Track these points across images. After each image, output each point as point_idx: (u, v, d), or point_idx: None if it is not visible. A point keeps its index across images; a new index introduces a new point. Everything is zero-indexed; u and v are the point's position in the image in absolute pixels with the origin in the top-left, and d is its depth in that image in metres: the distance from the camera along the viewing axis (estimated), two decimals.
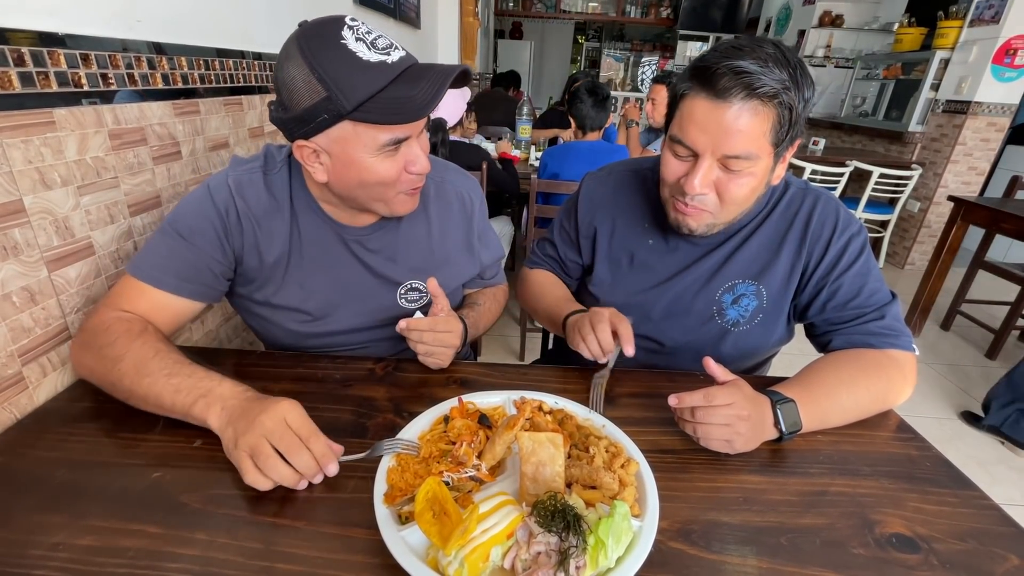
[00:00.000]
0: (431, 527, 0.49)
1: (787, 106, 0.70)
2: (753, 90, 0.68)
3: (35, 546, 0.52)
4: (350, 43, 0.66)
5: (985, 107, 3.54)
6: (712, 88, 0.70)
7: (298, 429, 0.59)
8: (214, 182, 0.81)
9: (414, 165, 0.74)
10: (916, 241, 3.99)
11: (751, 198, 0.79)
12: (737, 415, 0.67)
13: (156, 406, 0.66)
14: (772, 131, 0.71)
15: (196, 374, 0.66)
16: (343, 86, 0.65)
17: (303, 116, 0.68)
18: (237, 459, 0.58)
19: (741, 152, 0.71)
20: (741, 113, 0.69)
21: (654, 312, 0.94)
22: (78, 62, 0.79)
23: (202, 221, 0.78)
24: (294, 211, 0.83)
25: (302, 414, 0.61)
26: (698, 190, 0.75)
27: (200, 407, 0.63)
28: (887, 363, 0.79)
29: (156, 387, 0.65)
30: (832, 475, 0.67)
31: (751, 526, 0.59)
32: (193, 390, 0.64)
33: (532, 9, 8.25)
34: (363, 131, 0.69)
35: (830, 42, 5.34)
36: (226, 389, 0.64)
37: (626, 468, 0.60)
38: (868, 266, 0.85)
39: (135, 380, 0.66)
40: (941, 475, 0.69)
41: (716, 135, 0.71)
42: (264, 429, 0.58)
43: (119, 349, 0.68)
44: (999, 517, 0.62)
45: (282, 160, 0.84)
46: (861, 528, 0.59)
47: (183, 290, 0.78)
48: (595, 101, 2.29)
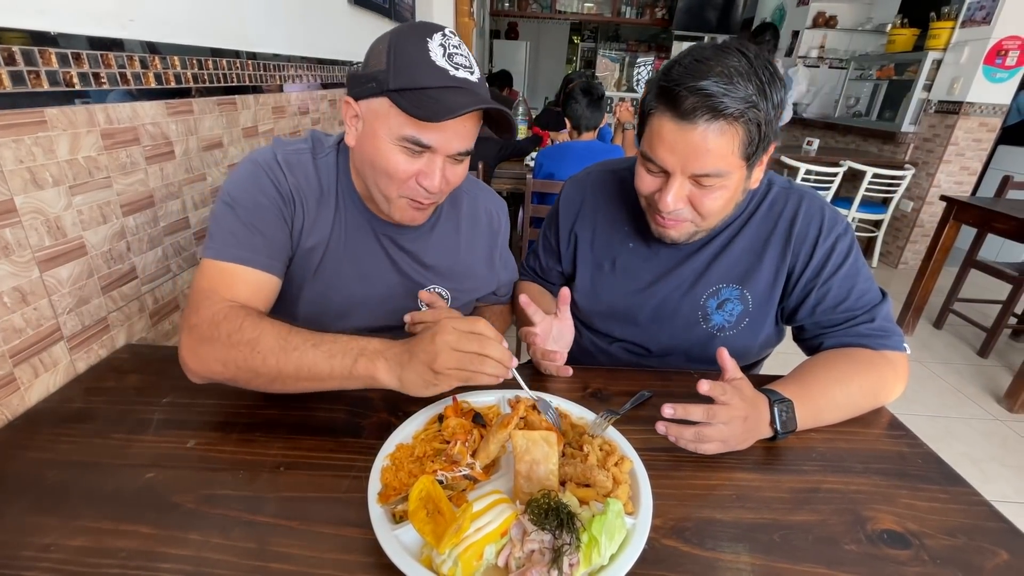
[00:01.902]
0: (425, 526, 0.49)
1: (755, 122, 0.69)
2: (717, 112, 0.67)
3: (27, 547, 0.52)
4: (432, 45, 0.69)
5: (977, 107, 3.57)
6: (677, 110, 0.69)
7: (469, 329, 0.61)
8: (261, 158, 0.78)
9: (426, 179, 0.74)
10: (909, 240, 4.02)
11: (728, 207, 0.79)
12: (736, 416, 0.65)
13: (310, 377, 0.65)
14: (741, 147, 0.70)
15: (340, 339, 0.66)
16: (399, 67, 0.69)
17: (362, 78, 0.72)
18: (442, 382, 0.61)
19: (710, 171, 0.71)
20: (707, 134, 0.69)
21: (640, 317, 0.94)
22: (70, 61, 0.78)
23: (260, 195, 0.76)
24: (338, 199, 0.83)
25: (460, 318, 0.63)
26: (671, 207, 0.75)
27: (363, 364, 0.63)
28: (879, 361, 0.79)
29: (307, 358, 0.64)
30: (825, 472, 0.68)
31: (744, 523, 0.59)
32: (348, 352, 0.64)
33: (528, 9, 8.25)
34: (394, 114, 0.70)
35: (824, 43, 5.37)
36: (375, 344, 0.65)
37: (620, 466, 0.60)
38: (857, 267, 0.85)
39: (282, 357, 0.65)
40: (932, 472, 0.69)
41: (684, 155, 0.71)
42: (448, 343, 0.60)
43: (250, 332, 0.66)
44: (989, 513, 0.62)
45: (331, 147, 0.84)
46: (853, 524, 0.59)
47: (271, 267, 0.76)
48: (590, 101, 2.29)
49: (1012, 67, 3.43)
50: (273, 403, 0.75)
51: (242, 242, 0.74)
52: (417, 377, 0.61)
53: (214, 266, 0.73)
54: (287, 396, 0.77)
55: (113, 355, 0.88)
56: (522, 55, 8.38)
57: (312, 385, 0.67)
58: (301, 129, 1.66)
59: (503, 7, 8.15)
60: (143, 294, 0.97)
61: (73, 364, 0.82)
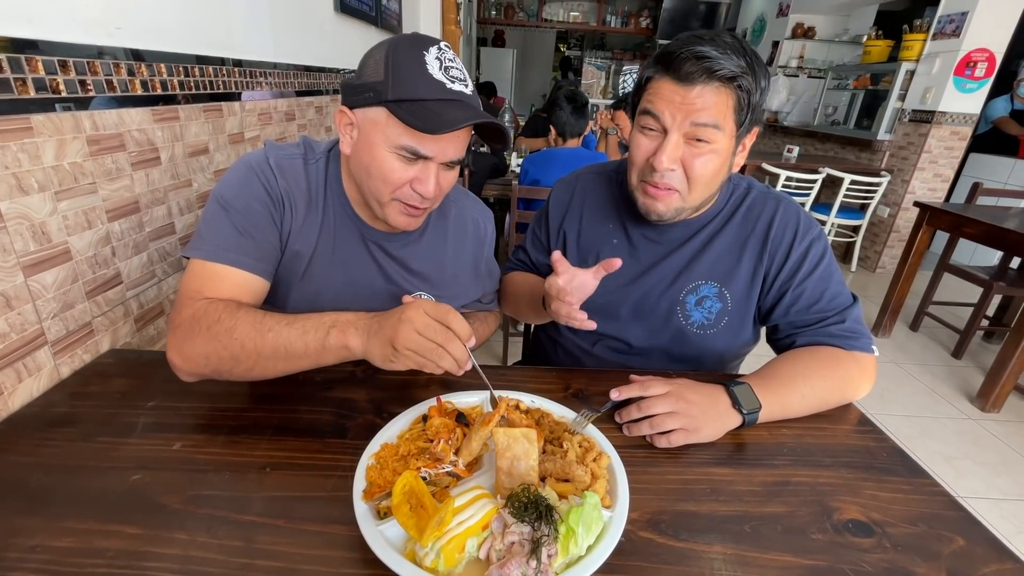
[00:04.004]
0: (408, 520, 0.50)
1: (745, 90, 0.75)
2: (713, 72, 0.73)
3: (11, 548, 0.52)
4: (429, 58, 0.71)
5: (948, 116, 3.69)
6: (676, 72, 0.75)
7: (439, 318, 0.63)
8: (253, 160, 0.80)
9: (420, 184, 0.75)
10: (886, 245, 4.12)
11: (715, 179, 0.83)
12: (678, 398, 0.73)
13: (287, 356, 0.68)
14: (734, 110, 0.77)
15: (312, 316, 0.68)
16: (398, 79, 0.70)
17: (359, 87, 0.74)
18: (399, 360, 0.64)
19: (709, 120, 0.76)
20: (704, 92, 0.75)
21: (621, 312, 0.97)
22: (56, 68, 0.79)
23: (252, 198, 0.78)
24: (327, 205, 0.84)
25: (434, 304, 0.64)
26: (666, 164, 0.79)
27: (335, 335, 0.66)
28: (845, 358, 0.83)
29: (282, 337, 0.67)
30: (795, 466, 0.71)
31: (717, 515, 0.61)
32: (320, 325, 0.67)
33: (514, 18, 8.34)
34: (391, 124, 0.72)
35: (803, 53, 5.52)
36: (349, 315, 0.68)
37: (598, 462, 0.62)
38: (830, 270, 0.88)
39: (259, 340, 0.67)
40: (896, 464, 0.72)
41: (683, 107, 0.76)
42: (416, 326, 0.62)
43: (227, 321, 0.69)
44: (948, 502, 0.66)
45: (321, 153, 0.86)
46: (820, 515, 0.62)
47: (259, 270, 0.77)
48: (574, 108, 2.33)
49: (981, 78, 3.56)
50: (259, 405, 0.76)
51: (231, 244, 0.75)
52: (379, 349, 0.65)
53: (202, 267, 0.74)
54: (273, 397, 0.78)
55: (98, 360, 0.89)
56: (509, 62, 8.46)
57: (291, 364, 0.69)
58: (287, 136, 1.67)
59: (490, 15, 8.23)
60: (128, 299, 0.98)
61: (57, 369, 0.82)
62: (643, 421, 0.73)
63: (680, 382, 0.76)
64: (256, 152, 0.82)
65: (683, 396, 0.74)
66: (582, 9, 8.39)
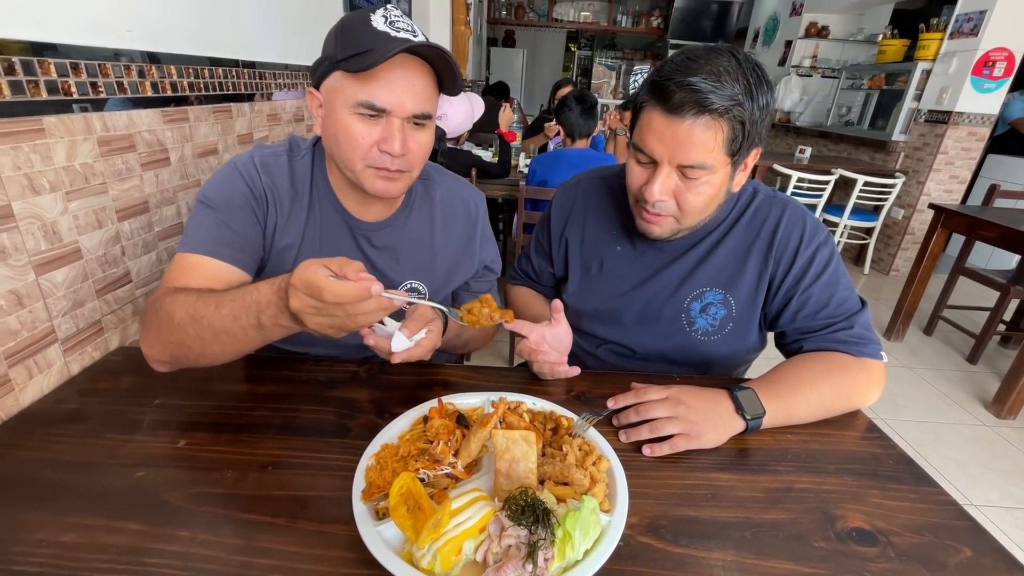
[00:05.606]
0: (405, 521, 0.50)
1: (739, 120, 0.72)
2: (704, 107, 0.70)
3: (18, 543, 0.53)
4: (375, 17, 0.72)
5: (966, 117, 3.62)
6: (666, 103, 0.73)
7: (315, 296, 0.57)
8: (240, 160, 0.82)
9: (386, 143, 0.74)
10: (900, 248, 4.06)
11: (710, 206, 0.82)
12: (678, 402, 0.73)
13: (229, 339, 0.66)
14: (726, 143, 0.74)
15: (237, 295, 0.65)
16: (345, 39, 0.72)
17: (317, 63, 0.76)
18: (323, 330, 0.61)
19: (695, 162, 0.74)
20: (694, 128, 0.72)
21: (625, 318, 0.96)
22: (68, 71, 0.81)
23: (234, 194, 0.79)
24: (312, 199, 0.85)
25: (303, 281, 0.57)
26: (657, 196, 0.78)
27: (267, 319, 0.63)
28: (853, 364, 0.82)
29: (216, 323, 0.65)
30: (799, 472, 0.70)
31: (718, 521, 0.61)
32: (247, 311, 0.63)
33: (524, 18, 8.34)
34: (346, 83, 0.72)
35: (816, 52, 5.45)
36: (265, 291, 0.63)
37: (597, 465, 0.62)
38: (837, 275, 0.87)
39: (197, 328, 0.66)
40: (903, 472, 0.71)
41: (672, 146, 0.74)
42: (307, 317, 0.59)
43: (168, 308, 0.68)
44: (956, 511, 0.64)
45: (307, 148, 0.87)
46: (823, 522, 0.61)
47: (236, 260, 0.78)
48: (582, 109, 2.32)
49: (999, 78, 3.49)
50: (263, 403, 0.77)
51: (210, 236, 0.77)
52: (307, 327, 0.61)
53: (181, 260, 0.76)
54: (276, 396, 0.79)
55: (106, 357, 0.90)
56: (519, 63, 8.46)
57: (239, 346, 0.67)
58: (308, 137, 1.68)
59: (500, 15, 8.23)
60: (137, 297, 0.99)
61: (67, 366, 0.84)
62: (642, 426, 0.73)
63: (679, 387, 0.76)
64: (243, 153, 0.84)
65: (683, 400, 0.73)
66: (593, 9, 8.36)
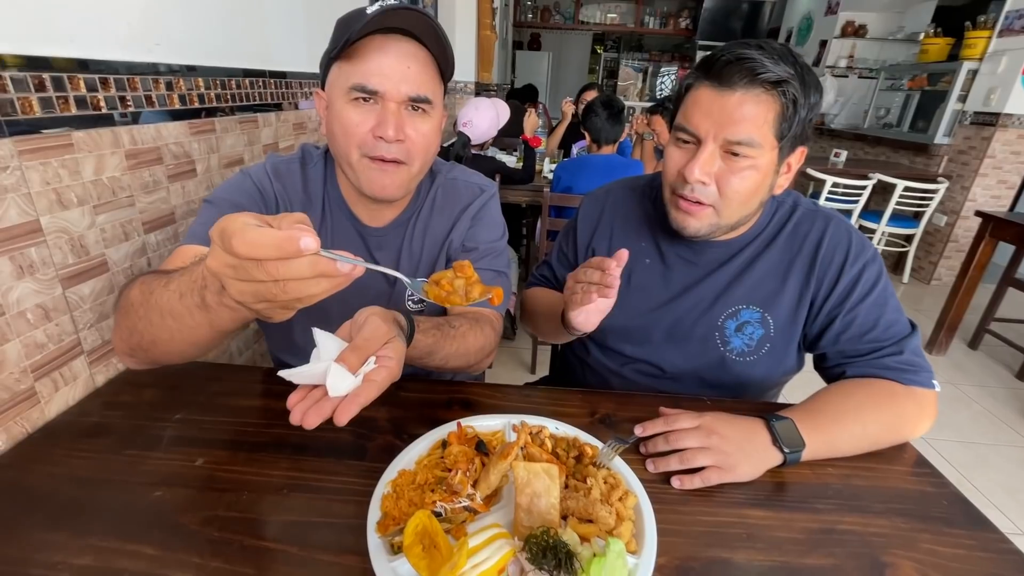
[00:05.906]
0: (420, 561, 0.48)
1: (791, 98, 0.70)
2: (756, 75, 0.69)
3: (35, 564, 0.53)
4: (372, 7, 0.71)
5: (1016, 119, 3.43)
6: (717, 77, 0.71)
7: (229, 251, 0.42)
8: (252, 169, 0.84)
9: (379, 127, 0.71)
10: (943, 256, 3.87)
11: (752, 200, 0.77)
12: (711, 432, 0.69)
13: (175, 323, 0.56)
14: (776, 121, 0.71)
15: (188, 268, 0.55)
16: (339, 31, 0.72)
17: (322, 64, 0.76)
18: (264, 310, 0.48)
19: (743, 137, 0.71)
20: (744, 99, 0.70)
21: (654, 336, 0.92)
22: (97, 86, 0.81)
23: (241, 195, 0.80)
24: (325, 207, 0.85)
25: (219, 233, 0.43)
26: (697, 175, 0.74)
27: (211, 296, 0.50)
28: (902, 393, 0.76)
29: (163, 302, 0.56)
30: (841, 511, 0.65)
31: (754, 566, 0.57)
32: (193, 286, 0.52)
33: (550, 21, 8.30)
34: (341, 72, 0.72)
35: (853, 52, 5.26)
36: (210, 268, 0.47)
37: (624, 501, 0.58)
38: (885, 296, 0.81)
39: (147, 308, 0.58)
40: (957, 514, 0.66)
41: (719, 119, 0.71)
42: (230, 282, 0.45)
43: (127, 293, 0.62)
44: (1020, 563, 0.59)
45: (319, 156, 0.87)
46: (870, 571, 0.57)
47: None
48: (609, 114, 2.28)
49: None
50: (280, 420, 0.75)
51: (207, 226, 0.71)
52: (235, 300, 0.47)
53: (175, 252, 0.76)
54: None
55: (130, 369, 0.91)
56: (544, 66, 8.42)
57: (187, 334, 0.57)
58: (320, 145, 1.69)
59: (526, 19, 8.21)
60: None
61: (92, 378, 0.84)
62: (672, 456, 0.69)
63: (713, 415, 0.72)
64: (255, 164, 0.85)
65: (716, 430, 0.69)
66: (620, 10, 8.27)
